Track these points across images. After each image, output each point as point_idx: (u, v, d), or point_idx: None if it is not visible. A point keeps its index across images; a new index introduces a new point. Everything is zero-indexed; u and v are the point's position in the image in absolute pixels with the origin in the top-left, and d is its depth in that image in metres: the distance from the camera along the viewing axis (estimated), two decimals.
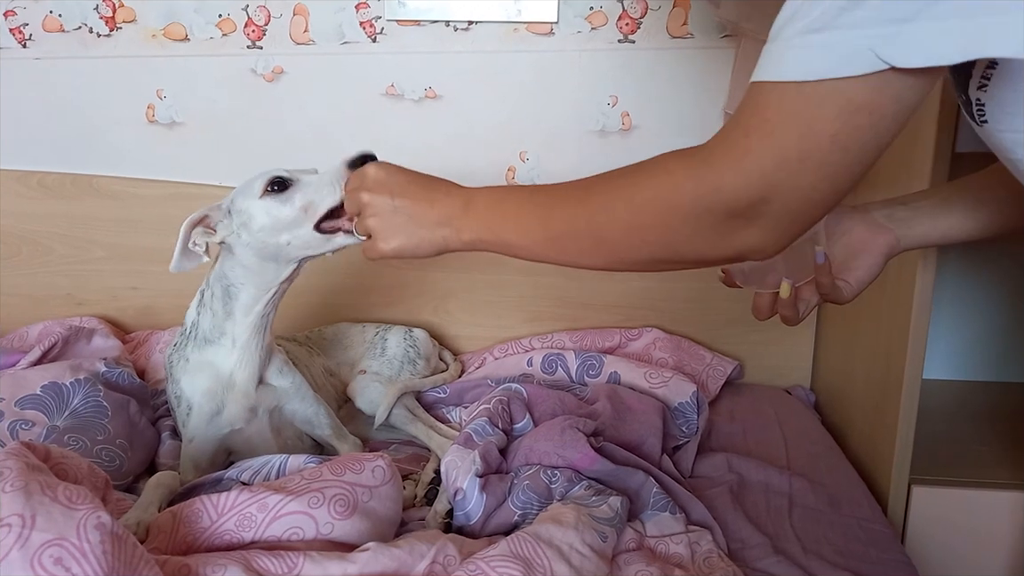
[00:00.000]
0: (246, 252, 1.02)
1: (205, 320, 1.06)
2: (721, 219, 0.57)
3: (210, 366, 1.06)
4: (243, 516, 0.80)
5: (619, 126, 1.48)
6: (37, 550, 0.62)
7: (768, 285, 0.77)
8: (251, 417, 1.08)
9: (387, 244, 0.80)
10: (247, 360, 1.06)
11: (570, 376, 1.39)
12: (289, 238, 0.99)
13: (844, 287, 0.76)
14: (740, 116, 0.55)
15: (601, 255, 0.68)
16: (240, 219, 1.01)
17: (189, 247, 1.01)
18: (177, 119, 1.54)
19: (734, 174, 0.55)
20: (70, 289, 1.62)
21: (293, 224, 0.98)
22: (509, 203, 0.75)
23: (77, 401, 1.13)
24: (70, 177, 1.57)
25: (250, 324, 1.05)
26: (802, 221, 0.57)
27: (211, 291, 1.06)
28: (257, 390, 1.08)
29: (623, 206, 0.64)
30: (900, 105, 0.50)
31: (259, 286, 1.04)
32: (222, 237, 1.02)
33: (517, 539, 0.81)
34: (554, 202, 0.71)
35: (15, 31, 1.53)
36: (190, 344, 1.07)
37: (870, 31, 0.47)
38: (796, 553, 0.94)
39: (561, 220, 0.69)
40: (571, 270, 1.53)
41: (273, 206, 0.99)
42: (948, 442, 1.26)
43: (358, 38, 1.48)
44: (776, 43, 0.52)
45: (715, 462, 1.17)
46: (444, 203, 0.78)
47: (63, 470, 0.78)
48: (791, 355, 1.54)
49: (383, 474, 0.90)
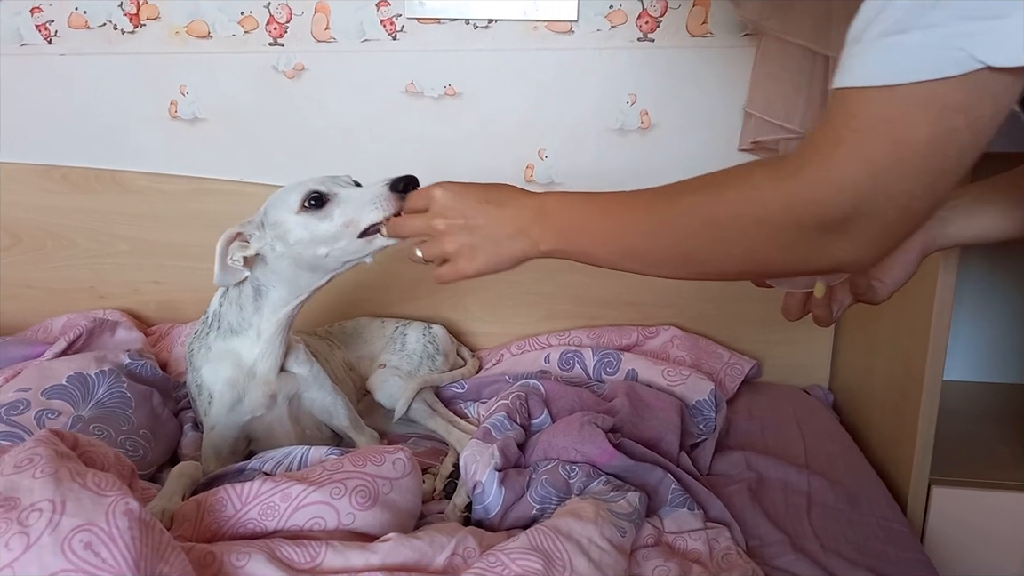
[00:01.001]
0: (281, 262, 1.03)
1: (231, 312, 1.07)
2: (813, 233, 0.55)
3: (233, 355, 1.07)
4: (266, 505, 0.81)
5: (638, 124, 1.48)
6: (67, 535, 0.64)
7: (800, 285, 0.76)
8: (271, 404, 1.09)
9: (471, 266, 0.79)
10: (270, 352, 1.08)
11: (587, 373, 1.39)
12: (328, 250, 1.00)
13: (878, 286, 0.75)
14: (828, 125, 0.53)
15: (685, 268, 0.66)
16: (275, 231, 1.01)
17: (228, 263, 1.02)
18: (199, 115, 1.56)
19: (825, 186, 0.53)
20: (93, 282, 1.64)
21: (333, 238, 0.99)
22: (583, 213, 0.74)
23: (102, 392, 1.15)
24: (94, 172, 1.59)
25: (277, 322, 1.06)
26: (899, 231, 0.54)
27: (239, 289, 1.07)
28: (277, 377, 1.09)
29: (708, 222, 0.61)
30: (997, 105, 0.47)
31: (291, 291, 1.05)
32: (256, 250, 1.02)
33: (537, 532, 0.82)
34: (633, 214, 0.69)
35: (41, 28, 1.55)
36: (212, 333, 1.08)
37: (959, 29, 0.44)
38: (815, 551, 0.94)
39: (641, 234, 0.67)
40: (587, 267, 1.54)
41: (311, 222, 0.99)
42: (968, 443, 1.26)
43: (378, 36, 1.49)
44: (858, 46, 0.50)
45: (733, 460, 1.17)
46: (517, 214, 0.77)
47: (91, 458, 0.80)
48: (810, 354, 1.53)
49: (403, 466, 0.90)
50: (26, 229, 1.62)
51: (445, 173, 1.51)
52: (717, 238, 0.61)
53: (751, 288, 0.82)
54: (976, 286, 1.53)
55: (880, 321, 1.28)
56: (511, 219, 0.77)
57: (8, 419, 1.05)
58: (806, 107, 1.31)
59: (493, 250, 0.78)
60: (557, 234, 0.75)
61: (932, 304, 1.08)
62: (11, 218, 1.62)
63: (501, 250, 0.77)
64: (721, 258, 0.62)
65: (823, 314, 0.76)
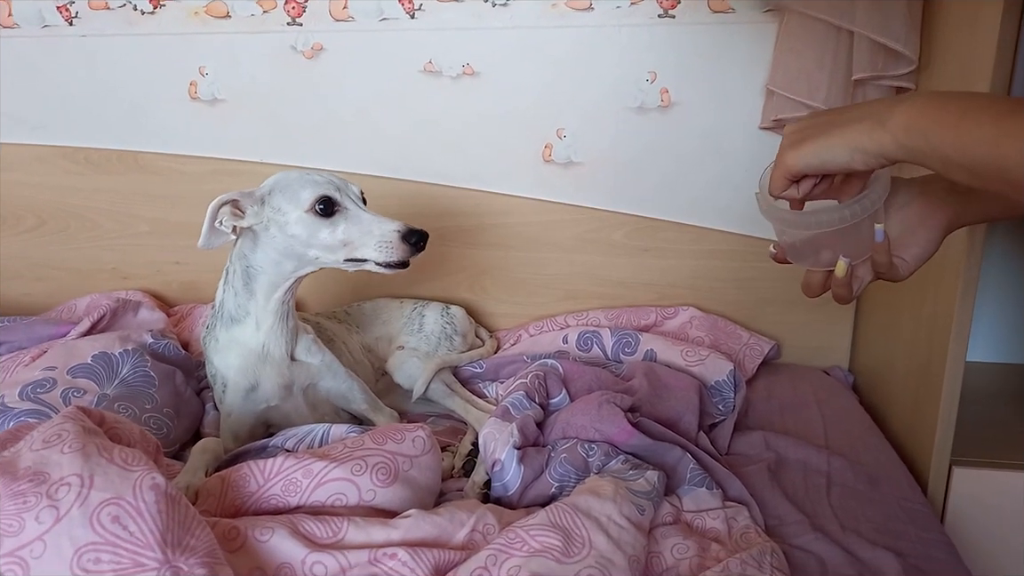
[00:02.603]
0: (271, 244, 1.04)
1: (229, 299, 1.08)
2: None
3: (238, 344, 1.08)
4: (289, 481, 0.82)
5: (658, 103, 1.47)
6: (96, 508, 0.65)
7: (821, 263, 0.75)
8: (286, 395, 1.10)
9: (796, 152, 0.66)
10: (275, 341, 1.08)
11: (606, 353, 1.39)
12: (318, 254, 1.03)
13: (900, 264, 0.73)
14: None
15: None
16: (275, 216, 1.02)
17: (216, 226, 1.02)
18: (219, 96, 1.56)
19: None
20: (115, 263, 1.66)
21: (327, 249, 1.02)
22: (946, 110, 0.59)
23: (126, 370, 1.16)
24: (115, 153, 1.60)
25: (272, 311, 1.07)
26: None
27: (233, 268, 1.08)
28: (290, 367, 1.10)
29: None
30: None
31: (275, 275, 1.06)
32: (250, 224, 1.03)
33: (556, 509, 0.82)
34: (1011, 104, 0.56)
35: (62, 9, 1.56)
36: (219, 324, 1.10)
37: None
38: (835, 530, 0.94)
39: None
40: (605, 247, 1.54)
41: (315, 224, 1.01)
42: (990, 424, 1.25)
43: (397, 15, 1.48)
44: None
45: (752, 440, 1.16)
46: (861, 106, 0.65)
47: (117, 434, 0.81)
48: (830, 335, 1.52)
49: (423, 444, 0.91)
50: (50, 211, 1.64)
51: (463, 152, 1.52)
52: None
53: (770, 269, 0.81)
54: (1000, 266, 1.51)
55: (902, 302, 1.27)
56: (857, 108, 0.65)
57: (35, 397, 1.07)
58: (829, 84, 1.29)
59: (834, 131, 0.64)
60: (910, 126, 0.60)
61: (956, 284, 1.06)
62: (35, 200, 1.64)
63: (847, 132, 0.63)
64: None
65: (843, 292, 0.74)
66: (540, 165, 1.53)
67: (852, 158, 0.64)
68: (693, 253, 1.51)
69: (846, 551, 0.89)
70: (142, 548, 0.64)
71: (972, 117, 0.57)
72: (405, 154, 1.54)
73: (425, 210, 1.56)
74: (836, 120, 0.65)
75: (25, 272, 1.68)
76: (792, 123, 0.69)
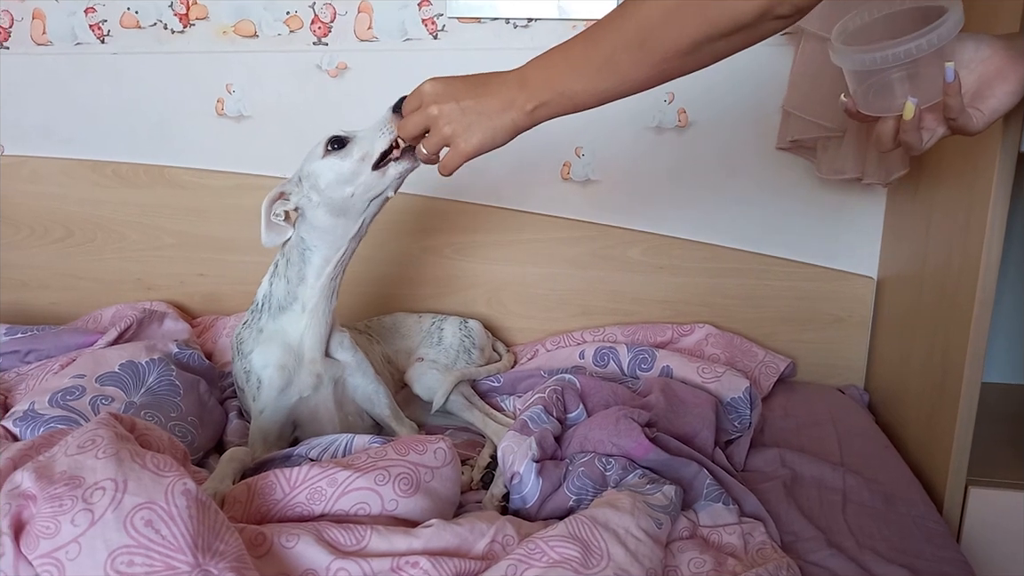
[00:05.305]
0: (317, 212, 1.09)
1: (279, 288, 1.13)
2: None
3: (282, 334, 1.12)
4: (314, 490, 0.84)
5: (675, 123, 1.49)
6: (129, 512, 0.67)
7: (895, 109, 0.73)
8: (318, 384, 1.14)
9: (467, 143, 0.85)
10: (315, 324, 1.13)
11: (622, 369, 1.40)
12: (352, 189, 1.08)
13: (975, 115, 0.72)
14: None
15: (648, 57, 0.73)
16: (309, 182, 1.09)
17: (272, 220, 1.10)
18: (245, 113, 1.60)
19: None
20: (140, 274, 1.69)
21: (354, 175, 1.07)
22: (556, 54, 0.81)
23: (152, 379, 1.19)
24: (143, 167, 1.64)
25: (320, 288, 1.12)
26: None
27: (286, 259, 1.13)
28: (323, 362, 1.14)
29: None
30: None
31: (330, 245, 1.11)
32: (296, 203, 1.10)
33: (575, 521, 0.83)
34: (595, 28, 0.77)
35: (94, 27, 1.60)
36: (264, 316, 1.14)
37: None
38: (850, 547, 0.94)
39: (605, 37, 0.75)
40: (621, 264, 1.55)
41: (335, 163, 1.07)
42: (1007, 445, 1.25)
43: (420, 35, 1.52)
44: None
45: (768, 457, 1.17)
46: (502, 89, 0.83)
47: (147, 441, 0.83)
48: (845, 354, 1.53)
49: (444, 456, 0.93)
50: (77, 222, 1.68)
51: (482, 169, 1.54)
52: (671, 7, 0.70)
53: (784, 288, 0.82)
54: (1016, 285, 1.51)
55: (918, 321, 1.28)
56: (496, 93, 0.83)
57: (64, 404, 1.10)
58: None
59: (487, 124, 0.84)
60: (537, 88, 0.81)
61: (971, 305, 1.07)
62: (64, 211, 1.68)
63: (494, 123, 0.84)
64: (678, 29, 0.70)
65: (913, 140, 0.73)
66: (558, 183, 1.55)
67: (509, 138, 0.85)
68: (708, 271, 1.53)
69: (862, 568, 0.90)
70: (174, 551, 0.66)
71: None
72: (425, 170, 1.56)
73: (443, 226, 1.58)
74: (483, 111, 0.84)
75: (53, 282, 1.72)
76: (451, 116, 0.85)
